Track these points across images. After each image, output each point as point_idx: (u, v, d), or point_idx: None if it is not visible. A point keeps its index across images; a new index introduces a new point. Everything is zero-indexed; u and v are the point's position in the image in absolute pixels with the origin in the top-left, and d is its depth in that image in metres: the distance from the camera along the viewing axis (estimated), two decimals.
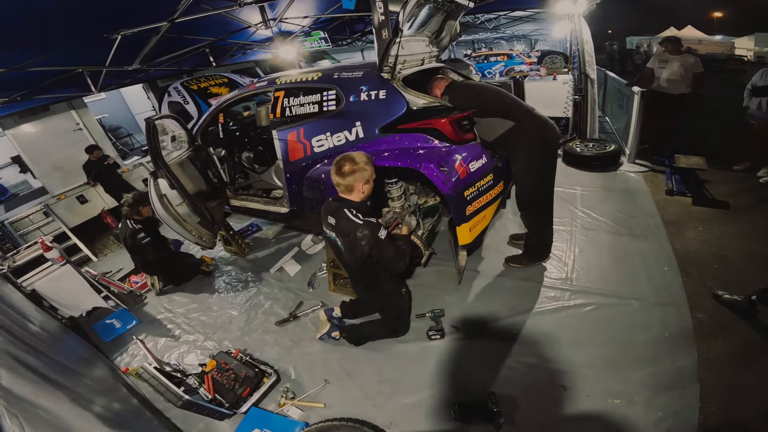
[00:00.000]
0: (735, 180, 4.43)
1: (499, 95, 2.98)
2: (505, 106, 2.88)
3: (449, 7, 3.11)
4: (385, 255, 2.32)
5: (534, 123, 2.87)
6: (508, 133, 2.84)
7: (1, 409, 1.46)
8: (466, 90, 3.10)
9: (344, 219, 2.33)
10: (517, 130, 2.82)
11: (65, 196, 6.21)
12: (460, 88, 3.05)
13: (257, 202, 3.97)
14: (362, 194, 2.36)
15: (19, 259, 3.69)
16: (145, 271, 4.13)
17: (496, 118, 2.85)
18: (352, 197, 2.36)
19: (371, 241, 2.28)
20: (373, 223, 2.30)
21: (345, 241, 2.39)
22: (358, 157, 2.31)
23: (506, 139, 2.86)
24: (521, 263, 3.39)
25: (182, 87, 5.64)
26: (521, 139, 2.83)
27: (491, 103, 2.92)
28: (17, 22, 3.28)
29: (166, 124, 3.61)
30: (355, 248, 2.33)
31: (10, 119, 5.72)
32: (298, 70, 3.82)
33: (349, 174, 2.28)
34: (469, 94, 3.03)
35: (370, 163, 2.35)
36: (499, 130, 2.85)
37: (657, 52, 5.39)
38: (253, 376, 2.62)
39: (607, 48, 19.42)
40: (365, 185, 2.34)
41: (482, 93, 3.06)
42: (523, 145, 2.85)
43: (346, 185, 2.31)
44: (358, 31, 9.52)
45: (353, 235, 2.30)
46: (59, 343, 3.14)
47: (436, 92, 3.03)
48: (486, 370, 2.51)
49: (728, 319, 2.55)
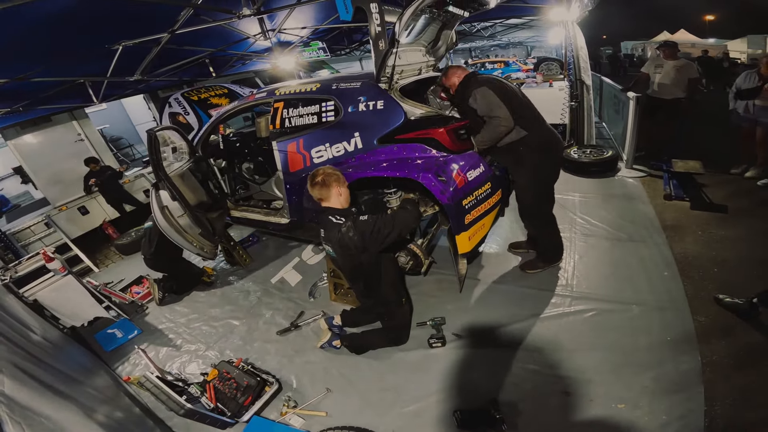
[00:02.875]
0: (732, 183, 4.46)
1: (518, 98, 2.88)
2: (521, 111, 2.81)
3: (445, 17, 3.16)
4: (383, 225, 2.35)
5: (544, 134, 2.85)
6: (518, 142, 2.81)
7: (4, 417, 1.47)
8: (489, 79, 2.91)
9: (328, 224, 2.43)
10: (527, 140, 2.79)
11: (66, 207, 6.25)
12: (484, 82, 2.87)
13: (258, 213, 3.99)
14: (340, 197, 2.46)
15: (21, 270, 3.70)
16: (156, 265, 4.13)
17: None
18: (332, 204, 2.46)
19: (356, 230, 2.34)
20: (351, 216, 2.40)
21: (335, 247, 2.44)
22: (324, 168, 2.50)
23: (515, 148, 2.84)
24: (537, 267, 3.37)
25: (183, 98, 5.67)
26: (531, 150, 2.81)
27: (514, 102, 2.79)
28: (19, 32, 3.32)
29: (168, 135, 3.64)
30: (346, 243, 2.37)
31: (12, 130, 5.79)
32: (297, 81, 3.86)
33: (321, 182, 2.42)
34: (493, 85, 2.82)
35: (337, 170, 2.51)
36: (510, 137, 2.81)
37: (652, 57, 5.44)
38: (255, 385, 2.62)
39: (601, 54, 19.85)
40: (341, 188, 2.46)
41: (504, 92, 2.84)
42: (531, 155, 2.83)
43: (323, 192, 2.44)
44: (356, 41, 9.63)
45: (339, 234, 2.36)
46: (61, 353, 3.14)
47: (453, 80, 2.96)
48: (488, 377, 2.51)
49: (730, 322, 2.55)
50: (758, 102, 4.21)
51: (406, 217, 2.45)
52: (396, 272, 2.74)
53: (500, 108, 2.70)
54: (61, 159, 6.29)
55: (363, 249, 2.38)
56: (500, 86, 2.82)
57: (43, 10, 3.07)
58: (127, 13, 3.84)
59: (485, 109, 2.75)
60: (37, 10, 3.02)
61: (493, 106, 2.72)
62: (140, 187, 7.06)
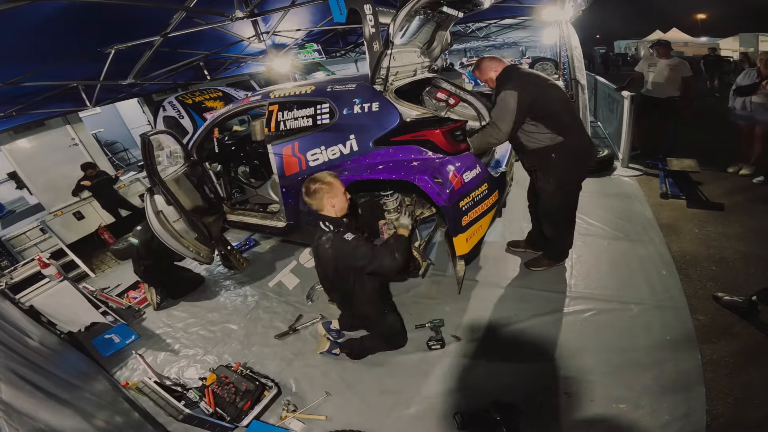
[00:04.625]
0: (728, 181, 4.49)
1: (560, 103, 2.73)
2: (561, 116, 2.69)
3: (439, 18, 3.15)
4: (359, 254, 2.29)
5: (579, 143, 2.77)
6: (552, 147, 2.72)
7: (1, 423, 1.45)
8: (530, 79, 2.72)
9: (318, 228, 2.44)
10: (561, 147, 2.71)
11: (62, 213, 6.20)
12: (529, 74, 2.74)
13: (254, 217, 3.97)
14: (333, 208, 2.41)
15: (17, 276, 3.67)
16: (149, 278, 4.10)
17: (547, 128, 2.67)
18: (326, 213, 2.43)
19: (334, 245, 2.33)
20: (339, 229, 2.36)
21: (314, 252, 2.46)
22: (323, 175, 2.41)
23: (546, 153, 2.77)
24: (543, 265, 3.36)
25: (177, 101, 5.65)
26: (562, 157, 2.73)
27: (555, 106, 2.67)
28: (11, 36, 3.29)
29: (162, 139, 3.61)
30: (320, 253, 2.38)
31: (5, 135, 5.74)
32: (292, 84, 3.85)
33: (315, 193, 2.36)
34: (536, 87, 2.67)
35: (336, 177, 2.43)
36: (543, 142, 2.74)
37: (645, 56, 5.47)
38: (254, 389, 2.61)
39: (594, 53, 20.13)
40: (334, 199, 2.39)
41: (549, 90, 2.70)
42: (561, 163, 2.76)
43: (317, 203, 2.40)
44: (350, 43, 9.61)
45: (316, 243, 2.39)
46: (59, 358, 3.11)
47: (490, 74, 2.83)
48: (488, 378, 2.50)
49: (729, 321, 2.55)
50: (756, 99, 4.23)
51: (383, 261, 2.29)
52: (375, 287, 2.61)
53: (505, 122, 2.65)
54: (55, 164, 6.23)
55: (334, 265, 2.38)
56: (537, 91, 2.64)
57: (35, 13, 3.05)
58: (118, 16, 3.81)
59: (496, 112, 2.71)
60: (30, 13, 3.00)
61: (503, 116, 2.65)
62: (135, 191, 7.01)
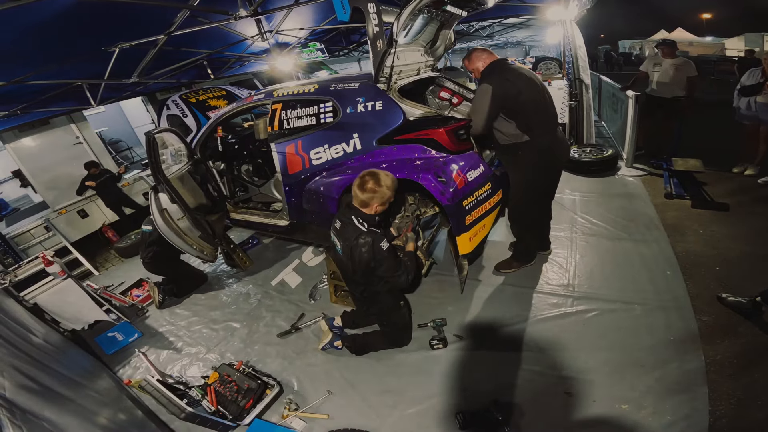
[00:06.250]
0: (732, 181, 4.46)
1: (533, 103, 2.71)
2: (531, 116, 2.70)
3: (443, 17, 3.15)
4: (386, 266, 2.34)
5: (548, 142, 2.78)
6: (518, 145, 2.76)
7: (5, 421, 1.45)
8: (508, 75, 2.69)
9: (350, 224, 2.38)
10: (526, 145, 2.73)
11: (66, 211, 6.22)
12: (511, 70, 2.73)
13: (257, 215, 3.98)
14: (374, 212, 2.40)
15: (21, 274, 3.68)
16: (154, 266, 4.11)
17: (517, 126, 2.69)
18: (364, 210, 2.39)
19: (371, 250, 2.30)
20: (376, 233, 2.33)
21: (344, 246, 2.41)
22: (384, 179, 2.33)
23: (512, 150, 2.80)
24: (512, 267, 3.39)
25: (181, 100, 5.66)
26: (526, 154, 2.76)
27: (528, 105, 2.67)
28: (16, 35, 3.31)
29: (166, 137, 3.63)
30: (354, 254, 2.35)
31: (10, 133, 5.77)
32: (295, 82, 3.85)
33: (369, 192, 2.31)
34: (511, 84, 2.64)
35: (393, 187, 2.36)
36: (510, 138, 2.77)
37: (650, 55, 5.44)
38: (256, 387, 2.61)
39: (598, 53, 20.12)
40: (380, 206, 2.38)
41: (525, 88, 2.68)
42: (526, 159, 2.79)
43: (363, 200, 2.34)
44: (354, 42, 9.61)
45: (354, 241, 2.33)
46: (62, 356, 3.13)
47: (477, 64, 2.81)
48: (490, 378, 2.49)
49: (733, 321, 2.54)
50: (760, 99, 4.20)
51: (400, 278, 2.40)
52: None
53: (479, 115, 2.67)
54: (59, 162, 6.26)
55: (365, 268, 2.38)
56: (510, 88, 2.63)
57: (40, 12, 3.06)
58: (123, 15, 3.83)
59: (473, 105, 2.76)
60: (34, 12, 3.02)
61: (477, 109, 2.69)
62: (139, 189, 7.04)
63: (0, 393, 1.66)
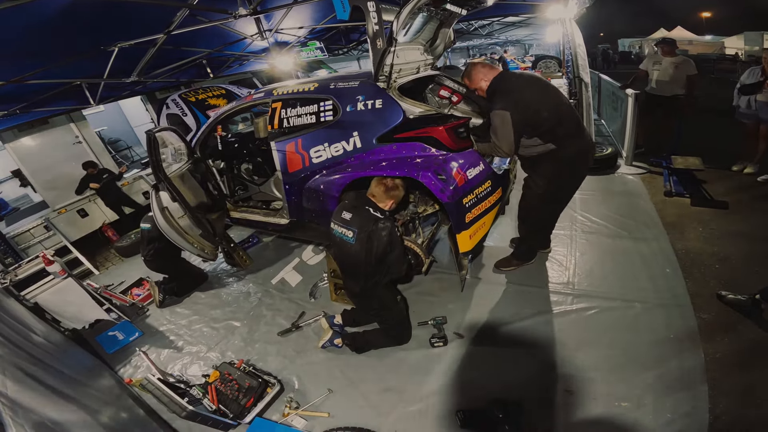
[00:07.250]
0: (732, 179, 4.46)
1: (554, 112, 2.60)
2: (555, 127, 2.59)
3: (443, 15, 3.15)
4: (398, 252, 2.46)
5: (574, 150, 2.68)
6: (545, 155, 2.69)
7: (7, 420, 1.45)
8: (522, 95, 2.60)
9: (365, 213, 2.44)
10: (554, 155, 2.66)
11: (66, 210, 6.23)
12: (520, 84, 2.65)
13: (257, 214, 3.98)
14: (388, 208, 2.52)
15: (21, 273, 3.69)
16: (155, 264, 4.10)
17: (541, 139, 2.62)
18: (380, 204, 2.50)
19: (390, 234, 2.38)
20: (392, 219, 2.46)
21: (360, 234, 2.40)
22: (401, 182, 2.56)
23: (538, 161, 2.75)
24: (512, 265, 3.38)
25: (180, 99, 5.66)
26: (555, 164, 2.69)
27: (550, 120, 2.57)
28: (14, 34, 3.30)
29: (166, 136, 3.63)
30: (374, 239, 2.37)
31: (9, 133, 5.77)
32: (294, 81, 3.85)
33: (392, 189, 2.50)
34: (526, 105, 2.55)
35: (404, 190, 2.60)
36: (534, 150, 2.70)
37: (650, 54, 5.44)
38: (257, 386, 2.62)
39: (597, 51, 20.22)
40: (394, 204, 2.56)
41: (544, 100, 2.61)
42: (554, 170, 2.72)
43: (383, 195, 2.50)
44: (353, 41, 9.61)
45: (374, 226, 2.38)
46: (64, 355, 3.13)
47: (481, 84, 2.74)
48: (490, 376, 2.50)
49: (733, 319, 2.55)
50: (760, 98, 4.20)
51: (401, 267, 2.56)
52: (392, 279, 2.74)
53: (505, 141, 2.56)
54: (59, 162, 6.26)
55: (382, 251, 2.41)
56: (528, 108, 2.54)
57: (39, 11, 3.06)
58: (122, 14, 3.82)
59: (496, 133, 2.59)
60: (33, 11, 3.01)
61: (503, 136, 2.56)
62: (139, 189, 7.04)
63: (2, 391, 1.66)
